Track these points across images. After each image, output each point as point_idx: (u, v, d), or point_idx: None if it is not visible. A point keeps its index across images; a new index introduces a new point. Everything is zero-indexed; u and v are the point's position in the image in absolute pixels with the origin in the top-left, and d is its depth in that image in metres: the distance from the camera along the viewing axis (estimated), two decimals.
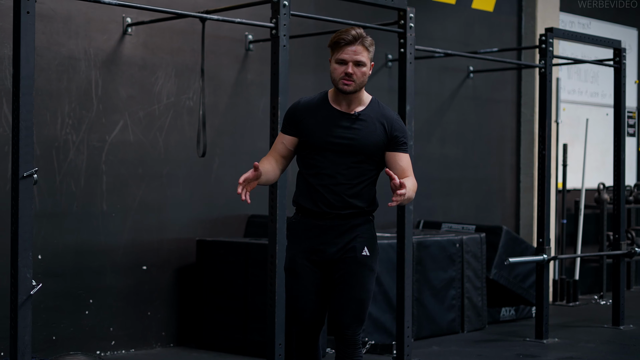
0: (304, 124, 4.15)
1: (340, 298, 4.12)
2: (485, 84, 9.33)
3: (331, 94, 4.20)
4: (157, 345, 6.81)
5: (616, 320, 7.97)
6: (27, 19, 4.57)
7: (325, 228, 4.14)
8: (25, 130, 4.57)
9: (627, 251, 7.98)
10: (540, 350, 6.91)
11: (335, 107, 4.16)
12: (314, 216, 4.15)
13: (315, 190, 4.13)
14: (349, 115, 4.15)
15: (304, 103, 4.22)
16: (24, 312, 4.58)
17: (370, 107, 4.20)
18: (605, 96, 10.62)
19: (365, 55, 4.08)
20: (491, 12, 9.36)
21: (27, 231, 4.58)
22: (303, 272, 4.15)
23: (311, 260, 4.15)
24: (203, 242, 6.82)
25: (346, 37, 4.06)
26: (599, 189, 9.97)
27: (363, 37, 4.08)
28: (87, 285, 6.44)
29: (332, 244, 4.13)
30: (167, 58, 6.83)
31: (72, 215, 6.36)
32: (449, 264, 7.49)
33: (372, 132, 4.14)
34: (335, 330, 4.16)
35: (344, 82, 4.07)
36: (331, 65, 4.13)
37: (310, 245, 4.15)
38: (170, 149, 6.86)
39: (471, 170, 9.24)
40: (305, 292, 4.15)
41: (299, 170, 4.24)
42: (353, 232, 4.16)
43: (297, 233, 4.21)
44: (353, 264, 4.13)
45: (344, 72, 4.06)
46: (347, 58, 4.06)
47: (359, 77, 4.08)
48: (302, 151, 4.19)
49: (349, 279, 4.12)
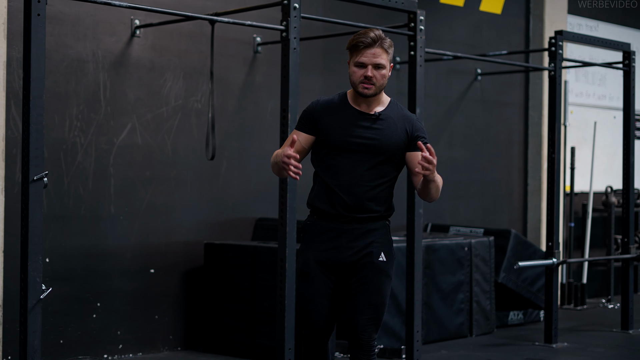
0: (322, 122, 4.10)
1: (357, 303, 4.09)
2: (493, 86, 9.30)
3: (350, 95, 4.15)
4: (165, 349, 6.77)
5: (625, 324, 7.92)
6: (38, 22, 4.54)
7: (341, 231, 4.09)
8: (36, 134, 4.54)
9: (637, 255, 7.94)
10: (549, 355, 6.87)
11: (355, 107, 4.11)
12: (330, 218, 4.10)
13: (333, 192, 4.08)
14: (369, 115, 4.10)
15: (323, 102, 4.17)
16: (34, 317, 4.55)
17: (390, 107, 4.15)
18: (613, 99, 10.58)
19: (385, 57, 4.03)
20: (499, 15, 9.32)
21: (37, 235, 4.55)
22: (316, 276, 4.10)
23: (325, 265, 4.10)
24: (211, 245, 6.78)
25: (365, 40, 4.00)
26: (607, 192, 9.93)
27: (382, 39, 4.03)
28: (95, 288, 6.41)
29: (348, 248, 4.08)
30: (175, 60, 6.80)
31: (79, 218, 6.33)
32: (457, 268, 7.46)
33: (394, 132, 4.09)
34: (350, 335, 4.12)
35: (363, 85, 4.03)
36: (350, 68, 4.07)
37: (325, 249, 4.10)
38: (178, 151, 6.83)
39: (479, 173, 9.20)
40: (318, 296, 4.10)
41: (315, 172, 4.18)
42: (369, 237, 4.11)
43: (312, 236, 4.15)
44: (370, 270, 4.09)
45: (364, 75, 4.01)
46: (366, 61, 4.01)
47: (379, 80, 4.03)
48: (320, 151, 4.13)
49: (365, 284, 4.08)
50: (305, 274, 4.13)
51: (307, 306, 4.13)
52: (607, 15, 10.51)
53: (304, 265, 4.13)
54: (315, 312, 4.11)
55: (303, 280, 4.15)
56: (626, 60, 8.01)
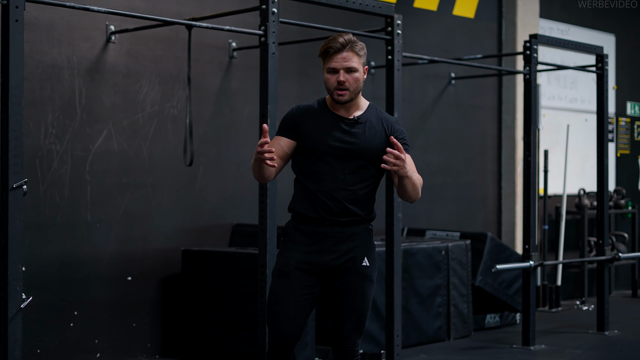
0: (303, 127, 4.07)
1: (340, 309, 4.06)
2: (467, 90, 9.33)
3: (329, 100, 4.13)
4: (143, 357, 6.71)
5: (601, 325, 7.97)
6: (16, 27, 4.49)
7: (325, 235, 4.05)
8: (15, 141, 4.48)
9: (612, 257, 7.99)
10: (528, 357, 6.89)
11: (334, 112, 4.10)
12: (313, 222, 4.06)
13: (315, 197, 4.04)
14: (349, 120, 4.08)
15: (302, 107, 4.15)
16: (14, 326, 4.49)
17: (369, 111, 4.13)
18: (585, 102, 10.66)
19: (357, 60, 4.00)
20: (472, 19, 9.36)
21: (16, 243, 4.50)
22: (295, 277, 4.03)
23: (307, 268, 4.05)
24: (189, 252, 6.74)
25: (334, 45, 3.98)
26: (580, 194, 9.99)
27: (352, 43, 4.00)
28: (72, 297, 6.34)
29: (331, 252, 4.05)
30: (150, 66, 6.75)
31: (56, 226, 6.26)
32: (435, 272, 7.46)
33: (373, 135, 4.07)
34: (335, 341, 4.09)
35: (338, 92, 4.01)
36: (324, 75, 4.05)
37: (308, 252, 4.05)
38: (155, 158, 6.78)
39: (454, 177, 9.23)
40: (293, 298, 4.02)
41: (296, 178, 4.15)
42: (353, 241, 4.08)
43: (294, 239, 4.09)
44: (353, 275, 4.06)
45: (337, 80, 3.99)
46: (338, 66, 3.98)
47: (352, 84, 4.00)
48: (301, 157, 4.10)
49: (348, 290, 4.06)
50: (283, 273, 4.04)
51: (279, 308, 4.01)
52: (577, 19, 10.59)
53: (284, 265, 4.06)
54: (285, 315, 4.00)
55: (280, 279, 4.05)
56: (599, 64, 8.07)
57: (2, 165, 4.48)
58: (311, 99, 7.63)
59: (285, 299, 4.02)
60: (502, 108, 9.65)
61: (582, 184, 10.27)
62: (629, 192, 11.11)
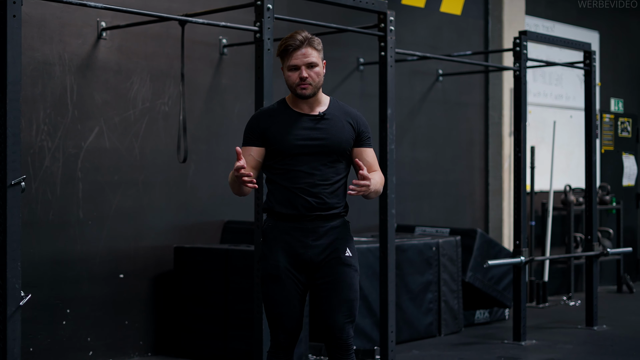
0: (270, 132, 4.10)
1: (331, 301, 4.09)
2: (454, 87, 9.36)
3: (290, 100, 4.18)
4: (135, 355, 6.69)
5: (590, 320, 8.02)
6: (14, 23, 4.45)
7: (306, 231, 4.09)
8: (13, 137, 4.44)
9: (600, 252, 8.04)
10: (520, 353, 6.92)
11: (297, 111, 4.15)
12: (293, 219, 4.09)
13: (294, 194, 4.08)
14: (314, 116, 4.13)
15: (264, 112, 4.20)
16: (13, 324, 4.45)
17: (332, 106, 4.19)
18: (569, 98, 10.71)
19: (316, 55, 4.08)
20: (459, 16, 9.39)
21: (15, 240, 4.46)
22: (287, 277, 4.07)
23: (293, 266, 4.08)
24: (181, 249, 6.72)
25: (293, 43, 4.05)
26: (566, 190, 10.04)
27: (309, 39, 4.09)
28: (64, 295, 6.30)
29: (314, 247, 4.09)
30: (141, 63, 6.72)
31: (48, 223, 6.22)
32: (426, 268, 7.48)
33: (341, 129, 4.14)
34: (329, 335, 4.11)
35: (301, 87, 4.06)
36: (284, 73, 4.12)
37: (291, 249, 4.08)
38: (146, 155, 6.75)
39: (441, 173, 9.25)
40: (290, 298, 4.08)
41: (269, 178, 4.18)
42: (332, 234, 4.13)
43: (275, 238, 4.11)
44: (338, 266, 4.11)
45: (299, 77, 4.05)
46: (299, 63, 4.05)
47: (314, 78, 4.07)
48: (273, 159, 4.13)
49: (336, 282, 4.10)
50: (275, 277, 4.08)
51: (280, 309, 4.08)
52: (562, 16, 10.64)
53: (274, 269, 4.08)
54: (287, 315, 4.08)
55: (273, 283, 4.09)
56: (587, 60, 8.10)
57: (0, 162, 4.44)
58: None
59: (283, 300, 4.07)
60: (488, 105, 9.69)
61: (568, 180, 10.33)
62: (613, 189, 11.18)
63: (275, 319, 4.09)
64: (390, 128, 6.27)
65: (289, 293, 4.06)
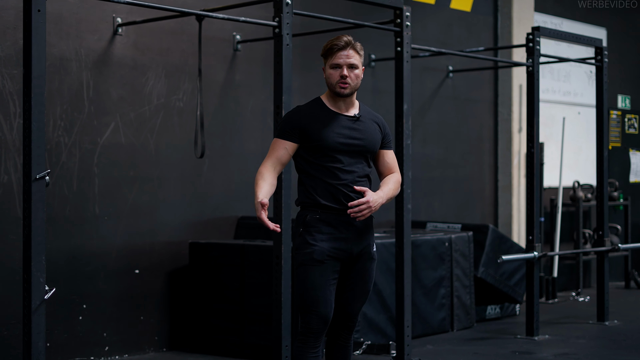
0: (311, 129, 4.31)
1: (354, 290, 4.38)
2: (464, 83, 9.37)
3: (326, 99, 4.41)
4: (151, 350, 6.70)
5: (601, 316, 8.04)
6: (38, 17, 4.47)
7: (348, 224, 4.33)
8: (38, 132, 4.47)
9: (611, 247, 8.06)
10: (534, 347, 6.94)
11: (335, 110, 4.37)
12: (337, 213, 4.31)
13: (337, 190, 4.30)
14: (351, 117, 4.38)
15: (304, 109, 4.40)
16: (38, 317, 4.48)
17: (362, 109, 4.46)
18: (578, 95, 10.73)
19: (357, 58, 4.33)
20: (469, 12, 9.40)
21: (40, 234, 4.48)
22: (327, 265, 4.27)
23: (335, 255, 4.29)
24: (196, 245, 6.73)
25: (339, 43, 4.30)
26: (574, 186, 10.05)
27: (354, 43, 4.34)
28: (80, 290, 6.32)
29: (355, 240, 4.33)
30: (157, 59, 6.73)
31: (64, 219, 6.23)
32: (439, 263, 7.50)
33: (373, 131, 4.42)
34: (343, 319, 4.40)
35: (340, 85, 4.30)
36: (326, 72, 4.35)
37: (335, 240, 4.29)
38: (161, 150, 6.77)
39: (452, 169, 9.27)
40: (328, 284, 4.28)
41: (306, 172, 4.35)
42: (367, 229, 4.41)
43: (319, 229, 4.30)
44: (368, 260, 4.41)
45: (340, 75, 4.29)
46: (341, 62, 4.30)
47: (353, 79, 4.32)
48: (313, 155, 4.33)
49: (362, 274, 4.40)
50: (319, 262, 4.26)
51: (317, 292, 4.25)
52: (570, 13, 10.66)
53: (319, 254, 4.26)
54: (323, 299, 4.27)
55: (315, 268, 4.26)
56: (598, 56, 8.12)
57: (25, 156, 4.46)
58: (314, 91, 7.67)
59: (322, 284, 4.26)
60: (498, 101, 9.70)
61: (576, 176, 10.35)
62: (621, 185, 11.19)
63: (311, 302, 4.26)
64: (407, 123, 6.29)
65: (327, 279, 4.27)
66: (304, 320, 4.28)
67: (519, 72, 9.51)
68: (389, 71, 7.60)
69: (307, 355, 4.29)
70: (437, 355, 6.60)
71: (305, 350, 4.28)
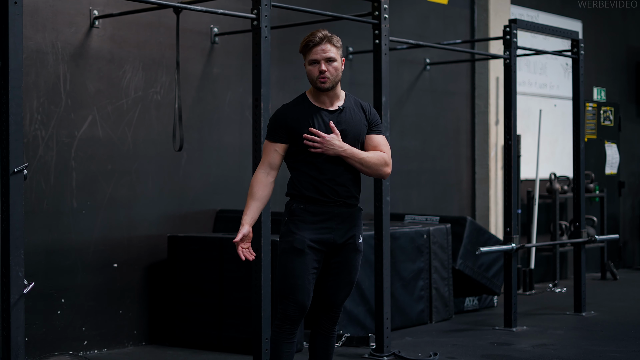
0: (295, 127, 4.36)
1: (338, 281, 4.44)
2: (441, 76, 9.39)
3: (310, 95, 4.46)
4: (129, 344, 6.68)
5: (578, 307, 8.09)
6: (15, 9, 4.43)
7: (332, 215, 4.39)
8: (15, 125, 4.43)
9: (588, 239, 8.10)
10: (512, 338, 6.97)
11: (319, 106, 4.42)
12: (321, 204, 4.37)
13: (322, 183, 4.37)
14: (333, 111, 4.42)
15: (289, 108, 4.46)
16: (17, 312, 4.45)
17: (347, 99, 4.50)
18: (554, 87, 10.78)
19: (335, 51, 4.36)
20: (445, 5, 9.42)
21: (18, 228, 4.45)
22: (308, 254, 4.33)
23: (317, 245, 4.34)
24: (175, 238, 6.71)
25: (314, 39, 4.35)
26: (551, 179, 10.10)
27: (330, 36, 4.38)
28: (59, 284, 6.28)
29: (337, 230, 4.38)
30: (134, 51, 6.70)
31: (42, 213, 6.20)
32: (417, 255, 7.51)
33: (358, 120, 4.46)
34: (326, 309, 4.47)
35: (320, 80, 4.35)
36: (306, 68, 4.40)
37: (317, 230, 4.35)
38: (139, 144, 6.74)
39: (429, 162, 9.29)
40: (307, 272, 4.33)
41: (294, 166, 4.43)
42: (352, 221, 4.45)
43: (304, 219, 4.38)
44: (352, 251, 4.45)
45: (318, 70, 4.34)
46: (318, 57, 4.34)
47: (332, 72, 4.35)
48: (298, 151, 4.38)
49: (347, 265, 4.44)
50: (299, 250, 4.31)
51: (296, 280, 4.32)
52: (546, 5, 10.70)
53: (300, 243, 4.32)
54: (301, 287, 4.32)
55: (296, 256, 4.33)
56: (575, 48, 8.16)
57: (3, 150, 4.43)
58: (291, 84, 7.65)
59: (300, 273, 4.32)
60: (475, 94, 9.73)
61: (552, 168, 10.40)
62: (596, 177, 11.26)
63: (289, 289, 4.33)
64: (385, 116, 6.30)
65: (307, 268, 4.32)
66: (281, 307, 4.35)
67: (496, 64, 9.54)
68: (367, 64, 7.59)
69: (283, 341, 4.38)
70: (416, 347, 6.62)
71: (281, 337, 4.37)
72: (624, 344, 6.77)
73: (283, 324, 4.37)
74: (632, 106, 12.39)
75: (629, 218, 12.31)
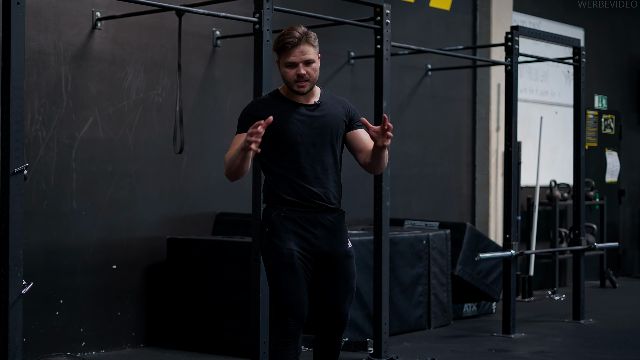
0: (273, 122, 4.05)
1: (338, 292, 4.25)
2: (442, 82, 9.40)
3: (284, 91, 4.23)
4: (128, 346, 6.68)
5: (577, 314, 8.09)
6: (18, 10, 4.44)
7: (315, 222, 4.18)
8: (16, 125, 4.44)
9: (588, 246, 8.10)
10: (510, 345, 6.97)
11: (294, 101, 4.21)
12: (302, 209, 4.17)
13: (299, 185, 4.16)
14: (310, 106, 4.21)
15: (261, 102, 4.25)
16: (15, 312, 4.45)
17: (323, 95, 4.28)
18: (555, 94, 10.79)
19: (312, 51, 4.13)
20: (448, 11, 9.43)
21: (17, 229, 4.46)
22: (299, 266, 4.15)
23: (304, 254, 4.16)
24: (174, 240, 6.71)
25: (291, 40, 4.09)
26: (551, 186, 10.11)
27: (307, 35, 4.12)
28: (57, 285, 6.29)
29: (322, 237, 4.19)
30: (136, 53, 6.71)
31: (42, 213, 6.20)
32: (416, 261, 7.52)
33: (336, 115, 4.24)
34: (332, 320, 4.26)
35: (298, 85, 4.12)
36: (281, 69, 4.16)
37: (302, 239, 4.16)
38: (140, 146, 6.75)
39: (430, 167, 9.29)
40: (300, 285, 4.16)
41: (269, 169, 4.20)
42: (337, 226, 4.25)
43: (285, 228, 4.16)
44: (344, 258, 4.25)
45: (296, 74, 4.10)
46: (296, 60, 4.10)
47: (312, 75, 4.13)
48: (274, 150, 4.17)
49: (342, 273, 4.25)
50: (289, 265, 4.13)
51: (292, 297, 4.14)
52: (548, 12, 10.72)
53: (288, 257, 4.13)
54: (298, 303, 4.15)
55: (286, 271, 4.13)
56: (576, 56, 8.17)
57: (3, 150, 4.43)
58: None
59: (295, 289, 4.14)
60: (476, 100, 9.74)
61: (552, 175, 10.40)
62: (597, 185, 11.26)
63: (287, 306, 4.14)
64: None
65: (300, 281, 4.14)
66: (281, 323, 4.16)
67: (498, 71, 9.55)
68: (368, 69, 7.61)
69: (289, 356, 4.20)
70: (414, 353, 6.62)
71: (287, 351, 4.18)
72: (622, 352, 6.77)
73: (287, 340, 4.18)
74: (633, 114, 12.40)
75: (628, 226, 12.31)
